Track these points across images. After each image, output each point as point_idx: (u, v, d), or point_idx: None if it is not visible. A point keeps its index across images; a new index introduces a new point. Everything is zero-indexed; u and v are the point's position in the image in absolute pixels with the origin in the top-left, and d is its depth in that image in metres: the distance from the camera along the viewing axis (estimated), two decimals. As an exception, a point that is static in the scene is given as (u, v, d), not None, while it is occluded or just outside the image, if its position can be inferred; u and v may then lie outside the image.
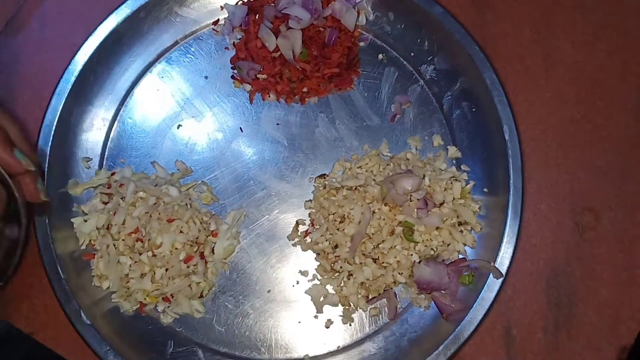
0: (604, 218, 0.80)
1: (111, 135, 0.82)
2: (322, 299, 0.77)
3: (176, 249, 0.73)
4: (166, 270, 0.73)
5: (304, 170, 0.81)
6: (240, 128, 0.82)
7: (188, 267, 0.74)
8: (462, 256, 0.76)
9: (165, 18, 0.83)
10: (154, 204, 0.75)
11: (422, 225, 0.74)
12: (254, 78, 0.81)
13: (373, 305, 0.77)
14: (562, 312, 0.78)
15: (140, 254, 0.73)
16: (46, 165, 0.76)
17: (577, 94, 0.83)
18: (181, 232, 0.74)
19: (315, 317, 0.77)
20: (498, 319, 0.77)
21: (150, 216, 0.74)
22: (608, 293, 0.78)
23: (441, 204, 0.75)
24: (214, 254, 0.76)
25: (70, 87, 0.78)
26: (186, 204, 0.76)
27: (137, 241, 0.73)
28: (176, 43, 0.84)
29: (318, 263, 0.78)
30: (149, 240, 0.73)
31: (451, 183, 0.76)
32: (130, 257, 0.73)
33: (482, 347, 0.77)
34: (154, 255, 0.73)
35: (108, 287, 0.74)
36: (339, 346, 0.77)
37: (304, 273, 0.78)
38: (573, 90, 0.83)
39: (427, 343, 0.74)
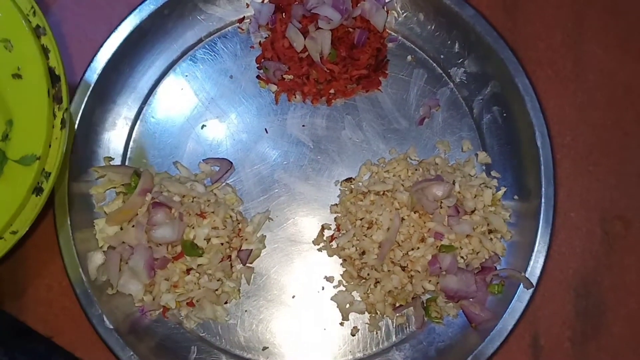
0: (634, 227, 0.79)
1: (133, 134, 0.80)
2: (348, 306, 0.75)
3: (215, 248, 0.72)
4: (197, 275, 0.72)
5: (330, 173, 0.80)
6: (266, 129, 0.80)
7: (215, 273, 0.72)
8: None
9: (189, 15, 0.81)
10: (179, 202, 0.73)
11: (453, 233, 0.72)
12: (280, 78, 0.80)
13: (400, 314, 0.75)
14: (591, 322, 0.77)
15: (173, 257, 0.71)
16: (68, 165, 0.74)
17: (609, 100, 0.82)
18: (214, 228, 0.72)
19: (341, 324, 0.76)
20: (526, 329, 0.76)
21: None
22: (637, 303, 0.77)
23: (472, 212, 0.74)
24: (239, 258, 0.75)
25: (92, 85, 0.76)
26: (217, 201, 0.75)
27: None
28: (200, 41, 0.82)
29: (344, 269, 0.76)
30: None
31: (481, 190, 0.75)
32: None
33: (509, 356, 0.76)
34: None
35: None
36: (364, 354, 0.75)
37: (329, 279, 0.77)
38: (604, 96, 0.82)
39: (455, 353, 0.73)
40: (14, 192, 0.60)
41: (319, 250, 0.77)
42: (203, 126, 0.80)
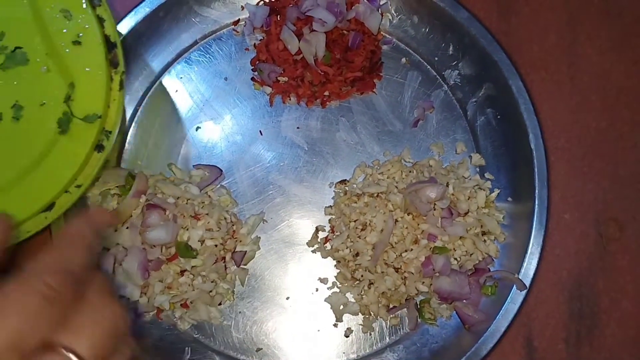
0: (628, 229, 0.79)
1: (128, 136, 0.80)
2: (341, 307, 0.76)
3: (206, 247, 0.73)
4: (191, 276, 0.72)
5: (324, 175, 0.80)
6: (260, 131, 0.80)
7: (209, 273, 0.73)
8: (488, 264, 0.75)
9: (184, 17, 0.81)
10: (173, 203, 0.73)
11: (446, 235, 0.72)
12: (275, 80, 0.80)
13: (394, 315, 0.75)
14: (585, 324, 0.77)
15: (167, 259, 0.71)
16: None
17: (603, 102, 0.82)
18: (208, 229, 0.72)
19: (335, 325, 0.76)
20: (520, 330, 0.76)
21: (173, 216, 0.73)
22: (631, 305, 0.77)
23: (465, 213, 0.74)
24: (233, 260, 0.75)
25: (87, 87, 0.76)
26: (211, 203, 0.75)
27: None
28: (195, 43, 0.82)
29: (338, 271, 0.76)
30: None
31: (475, 192, 0.75)
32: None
33: (503, 358, 0.76)
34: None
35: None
36: (358, 355, 0.75)
37: (323, 280, 0.77)
38: (599, 98, 0.82)
39: (448, 354, 0.73)
40: (79, 149, 0.65)
41: (313, 251, 0.78)
42: (198, 128, 0.80)
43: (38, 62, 0.65)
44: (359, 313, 0.75)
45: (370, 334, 0.76)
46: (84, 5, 0.65)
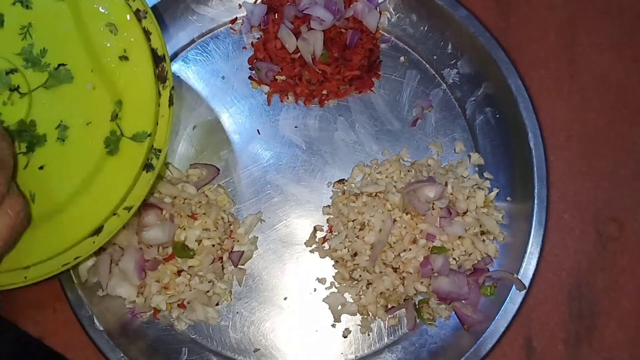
0: (628, 228, 0.79)
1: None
2: (339, 307, 0.75)
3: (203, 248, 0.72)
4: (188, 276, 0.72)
5: (322, 174, 0.79)
6: (258, 130, 0.80)
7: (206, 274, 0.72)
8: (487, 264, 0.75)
9: (181, 16, 0.81)
10: (170, 203, 0.73)
11: (445, 235, 0.72)
12: (273, 79, 0.79)
13: (392, 315, 0.75)
14: (584, 324, 0.76)
15: (164, 259, 0.71)
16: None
17: (603, 102, 0.81)
18: (206, 229, 0.72)
19: (333, 325, 0.75)
20: (519, 330, 0.76)
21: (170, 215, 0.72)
22: (631, 305, 0.77)
23: (464, 213, 0.73)
24: (231, 260, 0.74)
25: (84, 86, 0.75)
26: (208, 202, 0.75)
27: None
28: (193, 42, 0.82)
29: (336, 271, 0.76)
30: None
31: (474, 191, 0.75)
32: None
33: (502, 359, 0.75)
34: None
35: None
36: (356, 356, 0.75)
37: (321, 280, 0.76)
38: (598, 97, 0.82)
39: (447, 355, 0.73)
40: (128, 169, 0.62)
41: (311, 251, 0.77)
42: (195, 127, 0.80)
43: (83, 80, 0.61)
44: (357, 313, 0.75)
45: (369, 335, 0.75)
46: (129, 18, 0.61)
